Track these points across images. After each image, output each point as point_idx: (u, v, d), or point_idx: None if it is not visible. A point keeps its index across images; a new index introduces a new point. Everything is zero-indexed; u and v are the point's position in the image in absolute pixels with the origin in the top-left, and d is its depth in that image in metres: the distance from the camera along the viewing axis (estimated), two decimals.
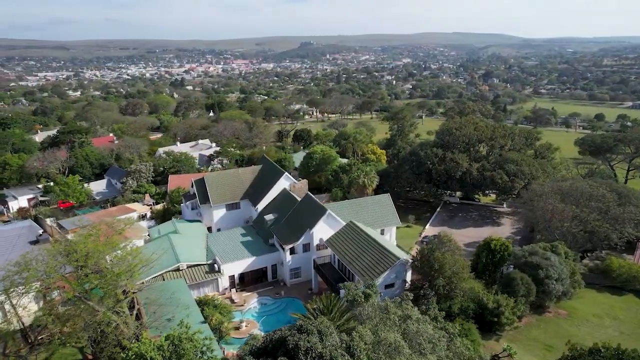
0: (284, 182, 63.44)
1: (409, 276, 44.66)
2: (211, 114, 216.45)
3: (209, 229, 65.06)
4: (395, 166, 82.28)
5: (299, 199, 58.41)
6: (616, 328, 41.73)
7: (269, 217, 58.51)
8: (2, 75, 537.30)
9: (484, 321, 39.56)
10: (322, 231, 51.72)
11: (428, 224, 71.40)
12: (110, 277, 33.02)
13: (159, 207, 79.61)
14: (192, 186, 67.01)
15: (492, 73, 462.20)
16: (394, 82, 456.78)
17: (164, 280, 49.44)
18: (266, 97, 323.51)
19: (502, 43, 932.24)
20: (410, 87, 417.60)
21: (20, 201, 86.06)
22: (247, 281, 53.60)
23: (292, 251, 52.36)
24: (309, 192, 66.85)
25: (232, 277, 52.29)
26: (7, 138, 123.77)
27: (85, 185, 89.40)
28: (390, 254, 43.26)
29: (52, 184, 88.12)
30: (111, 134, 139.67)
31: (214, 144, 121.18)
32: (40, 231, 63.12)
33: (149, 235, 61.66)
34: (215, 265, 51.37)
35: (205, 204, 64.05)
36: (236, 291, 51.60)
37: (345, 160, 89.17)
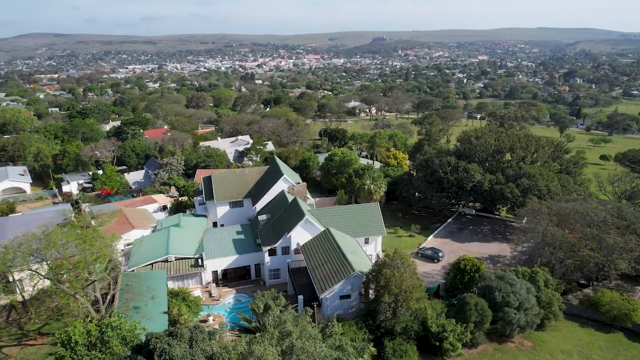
0: (282, 184, 65.21)
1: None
2: (267, 109, 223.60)
3: (214, 225, 68.98)
4: (409, 173, 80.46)
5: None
6: None
7: (262, 217, 60.82)
8: (99, 68, 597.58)
9: (430, 344, 38.52)
10: (300, 236, 52.92)
11: (431, 235, 69.31)
12: (66, 265, 37.17)
13: (183, 199, 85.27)
14: (201, 182, 71.29)
15: (576, 72, 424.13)
16: (465, 80, 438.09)
17: (152, 269, 53.81)
18: (330, 93, 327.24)
19: (594, 38, 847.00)
20: (482, 86, 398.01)
21: (71, 186, 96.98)
22: (230, 277, 56.46)
23: (272, 252, 54.22)
24: (307, 196, 68.42)
25: (215, 272, 55.42)
26: (78, 127, 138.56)
27: (126, 175, 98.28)
28: (348, 265, 43.43)
29: (100, 171, 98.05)
30: (166, 127, 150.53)
31: (251, 140, 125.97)
32: (72, 215, 71.19)
33: (156, 226, 66.85)
34: (200, 260, 54.75)
35: (210, 201, 67.91)
36: (216, 286, 54.64)
37: (365, 163, 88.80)
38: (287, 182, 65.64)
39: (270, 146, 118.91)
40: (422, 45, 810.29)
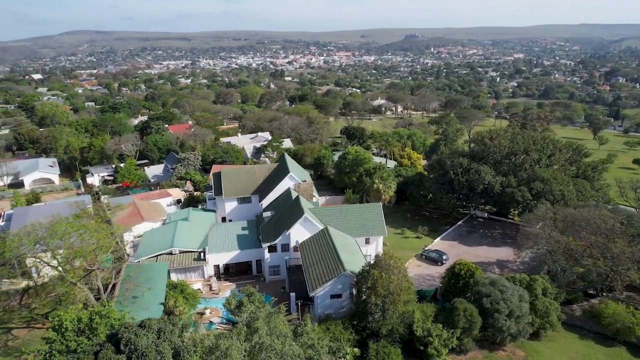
0: (288, 182, 65.79)
1: None
2: (293, 106, 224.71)
3: (223, 220, 70.36)
4: (421, 173, 79.35)
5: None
6: None
7: (266, 214, 61.62)
8: (135, 64, 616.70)
9: (415, 348, 38.12)
10: (299, 234, 53.33)
11: (438, 238, 68.24)
12: (65, 254, 39.02)
13: (197, 194, 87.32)
14: (210, 178, 72.81)
15: (619, 71, 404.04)
16: (498, 79, 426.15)
17: (157, 260, 55.53)
18: (357, 90, 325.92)
19: None
20: (515, 85, 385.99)
21: (95, 178, 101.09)
22: (232, 272, 57.56)
23: (272, 249, 54.88)
24: (314, 194, 68.68)
25: (217, 267, 56.66)
26: (106, 121, 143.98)
27: (146, 168, 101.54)
28: (340, 264, 43.49)
29: (122, 165, 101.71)
30: (190, 122, 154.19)
31: (270, 137, 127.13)
32: (89, 205, 74.42)
33: (165, 219, 68.82)
34: (202, 254, 56.08)
35: (219, 196, 69.31)
36: (217, 280, 55.84)
37: (378, 162, 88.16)
38: (293, 180, 66.14)
39: (287, 143, 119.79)
40: (455, 42, 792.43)
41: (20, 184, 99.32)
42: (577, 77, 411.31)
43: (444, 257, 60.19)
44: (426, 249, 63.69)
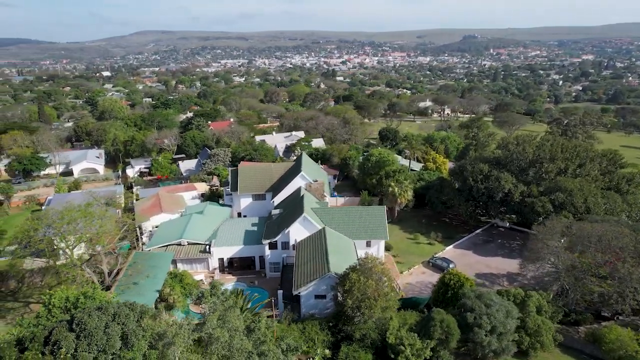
0: (299, 181, 66.49)
1: None
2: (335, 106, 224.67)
3: (239, 215, 72.44)
4: (442, 178, 76.95)
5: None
6: None
7: (275, 211, 62.83)
8: (195, 62, 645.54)
9: (387, 356, 37.33)
10: (298, 232, 53.87)
11: (452, 245, 65.96)
12: (68, 239, 42.25)
13: (221, 189, 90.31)
14: (228, 174, 75.12)
15: None
16: (560, 82, 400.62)
17: (166, 250, 58.37)
18: (407, 92, 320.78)
19: None
20: (580, 88, 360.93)
21: (134, 170, 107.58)
22: (235, 266, 59.24)
23: (273, 246, 55.85)
24: (325, 194, 68.83)
25: (221, 260, 58.55)
26: (154, 117, 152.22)
27: (180, 162, 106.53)
28: (326, 265, 43.53)
29: (158, 158, 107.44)
30: (232, 119, 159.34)
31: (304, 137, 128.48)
32: (119, 195, 79.59)
33: (183, 211, 71.93)
34: (208, 247, 58.21)
35: (235, 192, 71.40)
36: (219, 272, 57.71)
37: (401, 165, 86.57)
38: (305, 179, 66.72)
39: (319, 142, 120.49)
40: (517, 43, 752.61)
41: (70, 173, 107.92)
42: None
43: (451, 266, 58.05)
44: (435, 256, 61.86)
